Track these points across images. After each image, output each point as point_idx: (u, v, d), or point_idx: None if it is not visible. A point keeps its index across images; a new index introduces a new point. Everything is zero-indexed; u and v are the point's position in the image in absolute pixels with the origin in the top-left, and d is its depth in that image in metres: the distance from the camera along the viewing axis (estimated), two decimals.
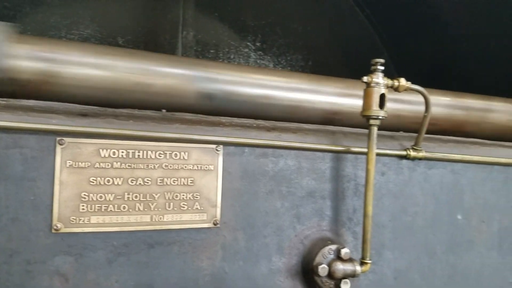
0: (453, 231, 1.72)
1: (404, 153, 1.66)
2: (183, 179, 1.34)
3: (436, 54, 3.01)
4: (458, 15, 2.77)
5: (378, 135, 1.64)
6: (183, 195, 1.34)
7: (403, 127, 1.84)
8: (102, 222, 1.28)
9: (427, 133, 1.81)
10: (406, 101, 1.82)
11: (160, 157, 1.32)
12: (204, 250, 1.38)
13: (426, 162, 1.70)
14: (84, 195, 1.26)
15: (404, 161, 1.68)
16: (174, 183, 1.33)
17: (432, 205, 1.70)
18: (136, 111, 1.40)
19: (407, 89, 1.55)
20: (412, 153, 1.66)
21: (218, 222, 1.39)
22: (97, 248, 1.29)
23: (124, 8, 2.59)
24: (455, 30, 2.84)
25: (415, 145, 1.67)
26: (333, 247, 1.49)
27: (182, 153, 1.34)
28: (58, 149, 1.24)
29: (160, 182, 1.32)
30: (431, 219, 1.70)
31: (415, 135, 1.66)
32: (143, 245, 1.32)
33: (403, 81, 1.53)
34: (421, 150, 1.67)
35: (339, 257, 1.47)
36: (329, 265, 1.45)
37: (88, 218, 1.27)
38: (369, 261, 1.49)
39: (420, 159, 1.67)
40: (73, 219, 1.25)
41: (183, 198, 1.34)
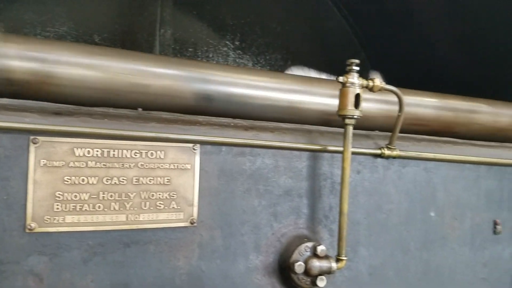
0: (426, 228, 1.77)
1: (378, 151, 1.69)
2: (159, 178, 1.34)
3: (413, 55, 3.06)
4: (434, 17, 2.83)
5: (354, 134, 1.67)
6: (159, 194, 1.34)
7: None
8: (77, 221, 1.27)
9: (417, 133, 1.86)
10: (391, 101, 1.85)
11: (136, 156, 1.31)
12: (180, 249, 1.38)
13: (400, 161, 1.74)
14: (59, 194, 1.25)
15: (379, 159, 1.71)
16: (150, 182, 1.33)
17: (406, 202, 1.74)
18: (111, 110, 1.39)
19: (381, 89, 1.58)
20: (387, 152, 1.69)
21: (195, 221, 1.39)
22: (72, 248, 1.27)
23: (100, 5, 2.56)
24: (431, 31, 2.90)
25: (389, 144, 1.70)
26: (310, 244, 1.51)
27: (159, 152, 1.34)
28: (32, 148, 1.22)
29: (135, 181, 1.31)
30: (405, 216, 1.73)
31: (390, 134, 1.70)
32: (119, 244, 1.32)
33: (377, 81, 1.56)
34: (395, 149, 1.70)
35: (315, 254, 1.49)
36: (306, 262, 1.47)
37: (63, 217, 1.25)
38: (344, 258, 1.51)
39: (394, 157, 1.71)
40: (47, 218, 1.24)
41: (159, 197, 1.34)
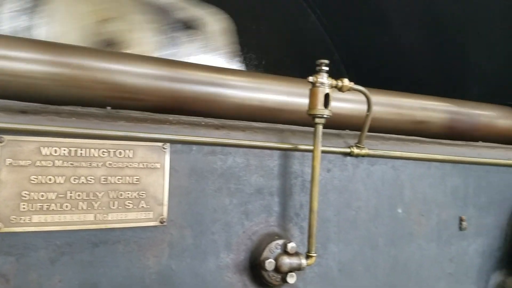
0: (394, 224, 1.81)
1: (348, 150, 1.72)
2: (128, 178, 1.33)
3: (384, 56, 3.13)
4: (405, 19, 2.91)
5: (325, 133, 1.71)
6: (128, 193, 1.33)
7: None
8: (44, 221, 1.25)
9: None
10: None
11: (104, 155, 1.30)
12: (150, 249, 1.38)
13: (369, 159, 1.77)
14: (25, 194, 1.23)
15: (348, 158, 1.74)
16: (119, 181, 1.32)
17: (374, 199, 1.78)
18: (79, 108, 1.37)
19: (350, 89, 1.61)
20: (356, 151, 1.73)
21: (164, 220, 1.39)
22: (39, 248, 1.26)
23: None
24: (402, 33, 2.97)
25: (359, 142, 1.74)
26: (280, 242, 1.53)
27: (127, 151, 1.33)
28: None
29: (104, 181, 1.30)
30: (373, 213, 1.77)
31: (359, 133, 1.73)
32: (87, 244, 1.31)
33: (346, 82, 1.60)
34: (364, 147, 1.74)
35: (285, 252, 1.51)
36: (276, 259, 1.49)
37: (29, 217, 1.23)
38: (314, 255, 1.54)
39: (363, 156, 1.74)
40: (13, 218, 1.22)
41: (128, 196, 1.33)
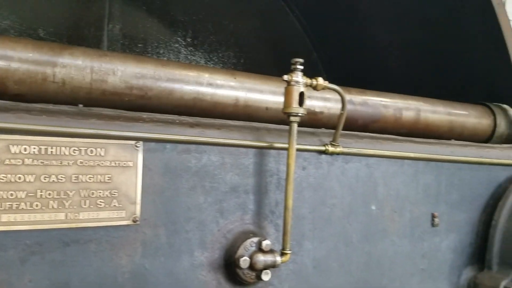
0: (368, 221, 1.84)
1: (323, 148, 1.74)
2: (99, 176, 1.31)
3: (362, 56, 3.17)
4: (382, 20, 2.94)
5: (301, 132, 1.72)
6: (99, 192, 1.32)
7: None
8: (13, 220, 1.23)
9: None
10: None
11: (75, 153, 1.28)
12: (122, 248, 1.37)
13: (343, 157, 1.79)
14: None
15: (323, 156, 1.76)
16: (90, 180, 1.30)
17: (348, 197, 1.80)
18: (50, 106, 1.35)
19: (324, 88, 1.63)
20: (330, 149, 1.74)
21: (137, 219, 1.38)
22: (8, 247, 1.23)
23: None
24: (380, 33, 3.01)
25: (333, 141, 1.75)
26: (255, 239, 1.53)
27: (99, 149, 1.31)
28: None
29: (75, 179, 1.28)
30: (347, 210, 1.80)
31: (334, 131, 1.75)
32: (58, 243, 1.29)
33: (320, 80, 1.61)
34: (338, 145, 1.75)
35: (260, 249, 1.52)
36: (251, 257, 1.49)
37: None
38: (289, 252, 1.55)
39: (338, 154, 1.76)
40: None
41: (99, 195, 1.32)
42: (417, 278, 1.95)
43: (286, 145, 1.57)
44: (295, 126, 1.55)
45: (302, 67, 1.54)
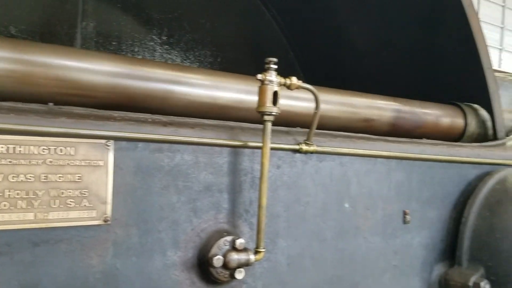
0: (341, 218, 1.86)
1: (297, 147, 1.75)
2: (69, 176, 1.30)
3: (338, 56, 3.21)
4: (358, 20, 2.98)
5: (275, 131, 1.73)
6: (69, 191, 1.30)
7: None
8: None
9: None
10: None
11: (44, 152, 1.26)
12: (93, 248, 1.36)
13: (318, 156, 1.81)
14: None
15: (298, 154, 1.77)
16: (60, 179, 1.28)
17: (322, 195, 1.82)
18: (19, 104, 1.32)
19: (298, 87, 1.64)
20: (305, 147, 1.76)
21: (108, 219, 1.36)
22: None
23: None
24: (355, 33, 3.05)
25: (307, 140, 1.77)
26: (229, 238, 1.54)
27: (69, 148, 1.29)
28: None
29: (44, 179, 1.26)
30: (321, 208, 1.82)
31: (308, 130, 1.77)
32: (27, 243, 1.26)
33: (294, 80, 1.62)
34: (312, 144, 1.77)
35: (234, 248, 1.52)
36: (224, 256, 1.49)
37: None
38: (262, 250, 1.56)
39: (312, 152, 1.78)
40: None
41: (69, 195, 1.30)
42: (390, 274, 1.99)
43: (261, 144, 1.58)
44: (269, 125, 1.56)
45: (276, 66, 1.55)
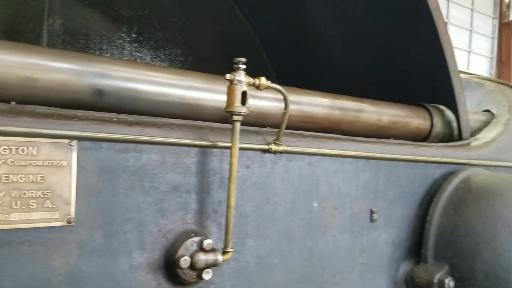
0: (310, 217, 1.88)
1: (266, 147, 1.76)
2: (31, 176, 1.26)
3: (310, 56, 3.24)
4: (329, 23, 3.02)
5: (245, 131, 1.73)
6: (31, 192, 1.27)
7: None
8: None
9: (309, 130, 1.95)
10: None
11: (5, 152, 1.22)
12: (57, 249, 1.33)
13: (287, 155, 1.83)
14: None
15: (267, 154, 1.78)
16: (22, 180, 1.25)
17: (291, 194, 1.83)
18: None
19: (267, 88, 1.65)
20: (274, 147, 1.77)
21: (72, 220, 1.34)
22: None
23: None
24: (326, 34, 3.08)
25: (277, 140, 1.78)
26: (196, 239, 1.53)
27: (31, 148, 1.26)
28: None
29: (5, 179, 1.22)
30: (290, 208, 1.83)
31: (277, 130, 1.78)
32: None
33: (263, 80, 1.63)
34: (282, 144, 1.78)
35: (201, 248, 1.52)
36: (191, 256, 1.49)
37: None
38: (231, 250, 1.56)
39: (281, 152, 1.79)
40: None
41: (31, 196, 1.27)
42: (357, 272, 2.03)
43: (230, 144, 1.58)
44: (237, 125, 1.56)
45: (244, 66, 1.55)
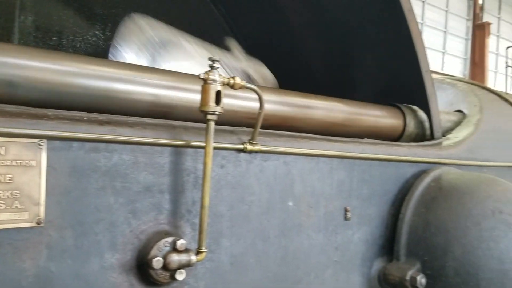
0: (285, 216, 1.89)
1: (241, 146, 1.76)
2: None
3: (287, 56, 3.25)
4: (305, 22, 3.04)
5: (219, 130, 1.73)
6: None
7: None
8: None
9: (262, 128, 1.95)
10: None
11: None
12: (26, 251, 1.30)
13: (262, 155, 1.83)
14: None
15: (242, 154, 1.78)
16: None
17: (266, 193, 1.84)
18: None
19: (242, 87, 1.65)
20: (249, 147, 1.78)
21: (42, 221, 1.31)
22: None
23: None
24: (302, 34, 3.10)
25: (252, 139, 1.78)
26: (170, 239, 1.52)
27: None
28: None
29: None
30: (265, 207, 1.84)
31: (252, 130, 1.78)
32: None
33: (238, 80, 1.64)
34: (257, 144, 1.79)
35: (175, 249, 1.51)
36: (164, 257, 1.48)
37: None
38: (204, 250, 1.56)
39: (256, 152, 1.80)
40: None
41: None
42: (331, 270, 2.05)
43: (204, 144, 1.58)
44: (212, 125, 1.56)
45: (219, 66, 1.56)
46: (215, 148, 1.63)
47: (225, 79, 1.60)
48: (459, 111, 3.20)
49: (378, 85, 2.78)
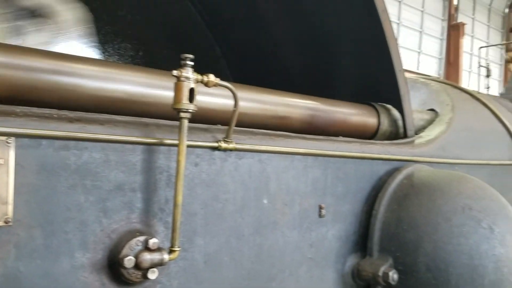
0: (259, 214, 1.90)
1: (216, 144, 1.76)
2: None
3: (263, 54, 3.26)
4: (279, 20, 3.05)
5: (193, 128, 1.72)
6: None
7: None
8: None
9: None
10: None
11: None
12: None
13: (237, 153, 1.83)
14: None
15: (216, 152, 1.78)
16: None
17: (241, 191, 1.84)
18: None
19: (216, 85, 1.65)
20: (224, 145, 1.77)
21: (10, 220, 1.28)
22: None
23: None
24: (278, 32, 3.11)
25: (226, 137, 1.78)
26: (142, 238, 1.51)
27: None
28: None
29: None
30: (240, 205, 1.84)
31: (227, 128, 1.78)
32: None
33: (212, 77, 1.63)
34: (231, 142, 1.79)
35: (147, 248, 1.50)
36: (136, 256, 1.46)
37: None
38: (177, 249, 1.55)
39: (231, 150, 1.80)
40: None
41: None
42: (305, 267, 2.07)
43: (177, 142, 1.57)
44: (185, 123, 1.55)
45: (192, 63, 1.55)
46: (189, 146, 1.62)
47: (199, 77, 1.59)
48: (432, 110, 3.28)
49: (355, 84, 2.82)
